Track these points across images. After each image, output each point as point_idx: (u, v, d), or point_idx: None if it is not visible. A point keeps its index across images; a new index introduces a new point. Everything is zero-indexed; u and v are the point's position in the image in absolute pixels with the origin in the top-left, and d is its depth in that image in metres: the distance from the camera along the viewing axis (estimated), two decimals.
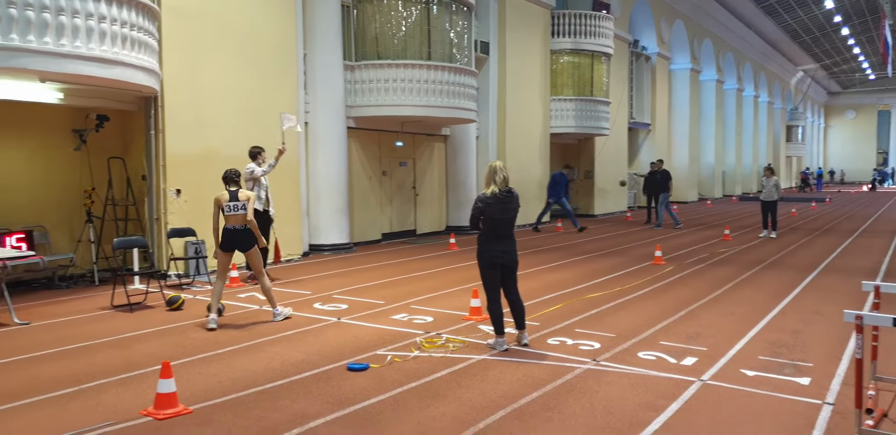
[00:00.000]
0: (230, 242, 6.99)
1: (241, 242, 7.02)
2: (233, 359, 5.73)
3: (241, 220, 6.99)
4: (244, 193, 7.05)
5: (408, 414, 4.45)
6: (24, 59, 7.32)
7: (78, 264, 9.61)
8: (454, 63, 13.91)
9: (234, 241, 7.00)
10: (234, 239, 6.99)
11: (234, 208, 6.99)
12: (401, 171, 15.41)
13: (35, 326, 6.91)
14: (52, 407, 4.55)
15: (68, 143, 9.79)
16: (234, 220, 7.00)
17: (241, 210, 6.99)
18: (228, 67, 10.47)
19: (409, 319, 7.22)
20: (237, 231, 7.00)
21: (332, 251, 12.59)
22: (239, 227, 7.00)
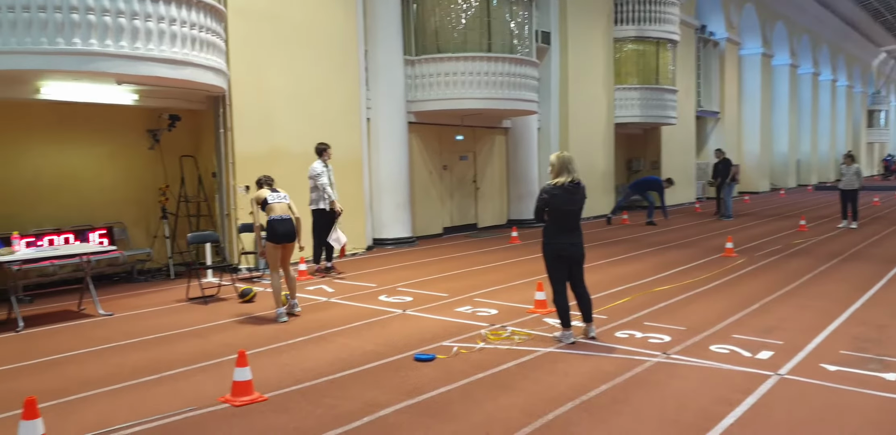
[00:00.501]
0: (287, 232, 7.10)
1: (292, 231, 7.15)
2: (303, 349, 5.87)
3: (286, 208, 7.19)
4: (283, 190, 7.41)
5: (476, 405, 4.46)
6: (102, 63, 7.65)
7: (154, 259, 10.03)
8: (515, 54, 13.80)
9: (289, 231, 7.12)
10: (286, 228, 7.10)
11: (278, 198, 7.22)
12: (461, 164, 15.42)
13: (117, 317, 7.26)
14: (136, 393, 4.77)
15: (143, 143, 10.22)
16: (280, 209, 7.16)
17: (284, 199, 7.24)
18: (292, 66, 10.69)
19: (473, 311, 7.24)
20: (285, 220, 7.12)
21: (394, 245, 12.73)
22: (286, 217, 7.14)
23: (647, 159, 21.91)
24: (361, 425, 4.14)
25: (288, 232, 7.11)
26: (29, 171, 8.98)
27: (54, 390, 4.81)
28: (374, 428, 4.10)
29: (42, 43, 7.37)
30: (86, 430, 4.09)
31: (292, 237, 7.17)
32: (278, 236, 7.05)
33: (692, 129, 23.59)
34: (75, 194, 9.44)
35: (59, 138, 9.31)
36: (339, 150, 10.93)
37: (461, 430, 4.05)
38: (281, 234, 7.06)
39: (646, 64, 19.65)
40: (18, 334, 6.48)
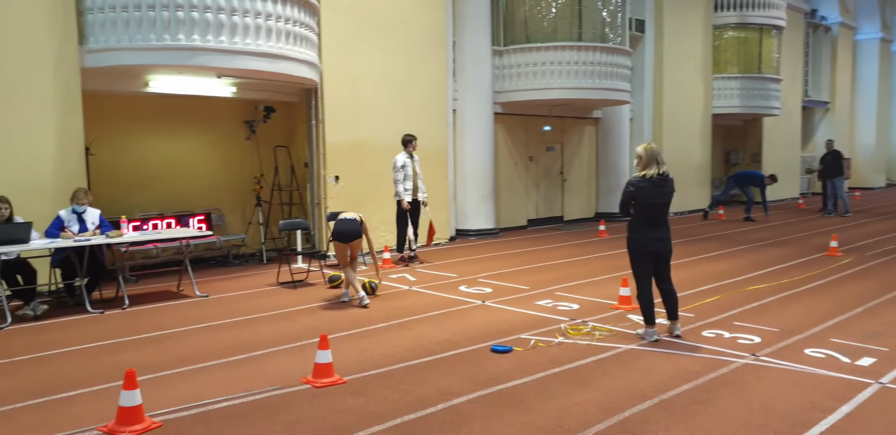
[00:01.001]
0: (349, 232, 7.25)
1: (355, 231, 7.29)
2: (383, 335, 6.00)
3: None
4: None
5: (550, 398, 4.42)
6: (203, 57, 8.06)
7: (248, 244, 10.52)
8: (606, 43, 13.46)
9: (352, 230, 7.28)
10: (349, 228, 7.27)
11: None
12: (548, 155, 15.23)
13: (212, 298, 7.66)
14: (226, 371, 5.03)
15: (240, 134, 10.69)
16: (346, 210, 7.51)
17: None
18: (381, 58, 10.87)
19: (553, 305, 7.16)
20: (348, 221, 7.29)
21: (477, 236, 12.76)
22: (350, 217, 7.32)
23: (747, 152, 20.86)
24: (435, 412, 4.19)
25: (349, 232, 7.27)
26: (137, 159, 9.60)
27: (153, 365, 5.15)
28: (448, 415, 4.14)
29: (150, 40, 7.85)
30: (178, 402, 4.35)
31: (355, 236, 7.32)
32: (341, 235, 7.26)
33: (797, 121, 22.26)
34: (177, 182, 10.02)
35: (164, 129, 9.89)
36: (425, 141, 11.04)
37: (534, 422, 4.03)
38: (342, 232, 7.25)
39: (747, 52, 18.69)
40: (124, 311, 6.97)
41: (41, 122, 7.68)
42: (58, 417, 4.09)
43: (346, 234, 7.26)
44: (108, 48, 7.91)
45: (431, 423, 4.03)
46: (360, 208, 10.40)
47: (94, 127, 8.54)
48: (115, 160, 9.30)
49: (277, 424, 4.00)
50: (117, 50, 7.90)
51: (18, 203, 7.01)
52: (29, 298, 6.75)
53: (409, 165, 9.65)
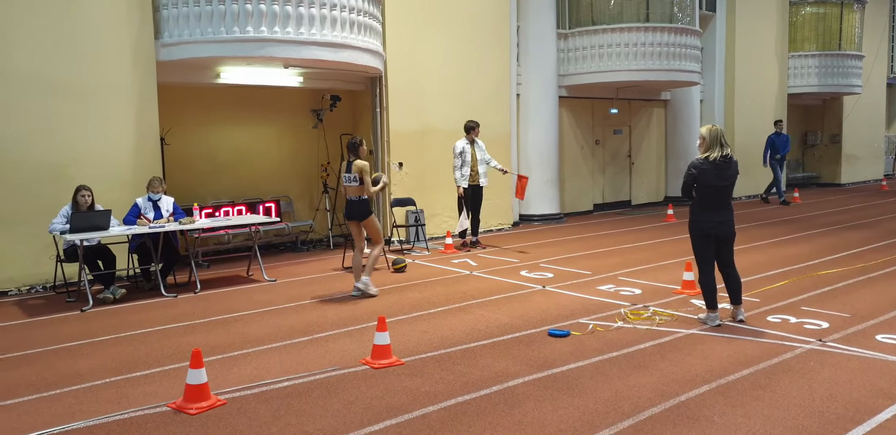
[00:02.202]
0: (348, 212, 7.11)
1: (353, 212, 7.05)
2: (442, 318, 6.08)
3: (354, 191, 6.98)
4: (357, 165, 6.94)
5: (606, 381, 4.40)
6: (271, 48, 8.28)
7: (316, 230, 10.81)
8: (675, 23, 13.04)
9: (350, 210, 7.09)
10: (349, 209, 7.09)
11: (347, 180, 7.00)
12: (615, 139, 14.92)
13: (280, 282, 7.93)
14: (289, 352, 5.22)
15: (308, 122, 10.95)
16: (350, 190, 7.04)
17: (354, 182, 6.95)
18: (443, 44, 10.88)
19: (615, 290, 7.07)
20: (351, 202, 7.05)
21: (541, 221, 12.67)
22: (353, 198, 7.02)
23: (826, 132, 19.83)
24: (490, 393, 4.24)
25: (352, 211, 7.07)
26: (208, 148, 9.99)
27: (221, 345, 5.40)
28: (502, 397, 4.18)
29: (221, 32, 8.12)
30: (243, 382, 4.56)
31: (358, 216, 7.06)
32: (345, 213, 7.19)
33: (882, 99, 20.95)
34: (247, 170, 10.37)
35: (234, 119, 10.25)
36: (488, 127, 11.02)
37: (588, 404, 4.02)
38: (347, 211, 7.14)
39: (826, 28, 17.67)
40: (196, 295, 7.32)
41: (120, 115, 8.10)
42: (132, 394, 4.36)
43: (348, 215, 7.15)
44: (182, 42, 8.24)
45: (485, 404, 4.08)
46: (423, 194, 10.55)
47: (169, 118, 8.93)
48: (188, 150, 9.71)
49: (335, 403, 4.14)
50: (190, 43, 8.22)
51: (99, 191, 7.44)
52: (109, 283, 7.17)
53: (467, 152, 9.67)
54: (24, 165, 7.49)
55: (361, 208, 7.03)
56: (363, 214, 7.04)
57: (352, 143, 7.09)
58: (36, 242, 7.46)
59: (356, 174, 6.93)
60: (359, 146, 7.06)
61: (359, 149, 7.05)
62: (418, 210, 10.34)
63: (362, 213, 7.03)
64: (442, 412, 3.97)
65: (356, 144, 7.06)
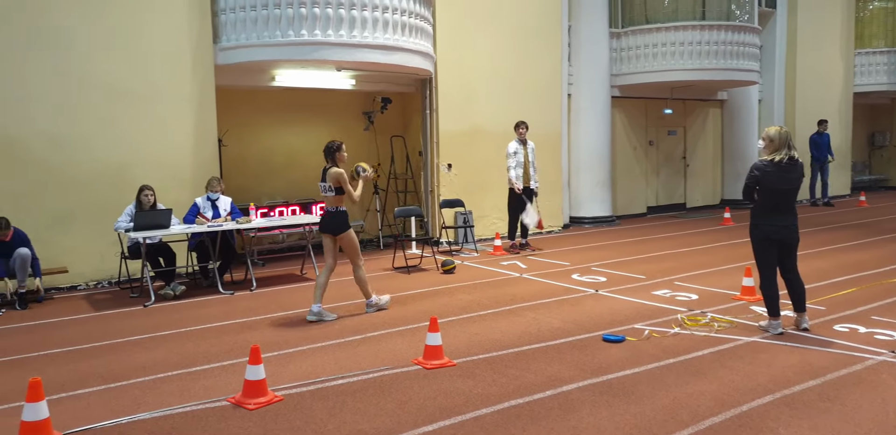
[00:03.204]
0: (322, 224, 6.29)
1: (327, 224, 6.24)
2: (493, 321, 6.05)
3: (330, 201, 6.20)
4: (332, 173, 6.07)
5: (664, 389, 4.30)
6: (325, 51, 8.40)
7: (366, 230, 10.91)
8: (732, 21, 12.71)
9: (323, 223, 6.27)
10: (323, 220, 6.29)
11: (323, 189, 6.19)
12: (669, 140, 14.62)
13: (332, 281, 7.97)
14: (342, 350, 5.27)
15: (359, 124, 11.06)
16: (326, 201, 6.27)
17: (329, 191, 6.13)
18: (493, 45, 10.84)
19: (671, 295, 6.92)
20: (327, 213, 6.24)
21: (592, 224, 12.50)
22: (330, 209, 6.22)
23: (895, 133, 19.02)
24: (543, 398, 4.19)
25: (325, 223, 6.26)
26: (264, 150, 10.20)
27: (277, 342, 5.49)
28: (556, 401, 4.13)
29: (276, 36, 8.29)
30: (298, 378, 4.63)
31: (331, 229, 6.23)
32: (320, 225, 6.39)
33: None
34: (301, 171, 10.53)
35: (288, 121, 10.43)
36: (538, 127, 10.94)
37: (645, 411, 3.94)
38: (321, 223, 6.35)
39: None
40: (252, 293, 7.46)
41: (180, 117, 8.33)
42: (193, 388, 4.47)
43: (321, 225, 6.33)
44: (239, 45, 8.43)
45: (539, 408, 4.04)
46: (472, 196, 10.53)
47: (226, 120, 9.14)
48: (244, 151, 9.92)
49: (389, 402, 4.16)
50: (247, 47, 8.41)
51: (160, 191, 7.67)
52: (169, 279, 7.38)
53: (520, 152, 9.61)
54: (91, 166, 7.78)
55: (336, 221, 6.19)
56: (338, 228, 6.17)
57: (328, 147, 6.23)
58: (102, 239, 7.74)
59: (331, 183, 6.10)
60: (335, 151, 6.20)
61: (336, 154, 6.20)
62: (467, 211, 10.32)
63: (337, 226, 6.17)
64: (495, 415, 3.95)
65: (332, 149, 6.21)
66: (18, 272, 6.79)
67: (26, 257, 6.78)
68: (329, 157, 6.22)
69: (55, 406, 3.95)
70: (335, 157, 6.21)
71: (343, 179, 6.07)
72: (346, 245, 6.27)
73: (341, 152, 6.23)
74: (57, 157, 7.58)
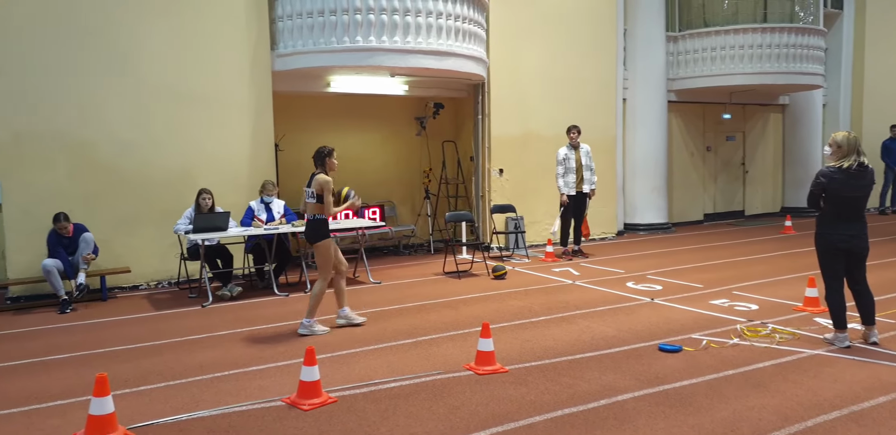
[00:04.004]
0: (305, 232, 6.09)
1: (307, 232, 6.05)
2: (545, 328, 5.99)
3: (311, 208, 5.92)
4: (318, 180, 5.81)
5: (722, 401, 4.17)
6: (379, 57, 8.49)
7: (417, 235, 10.96)
8: (795, 23, 12.33)
9: (305, 230, 6.09)
10: (305, 228, 6.07)
11: (307, 195, 5.95)
12: (727, 145, 14.25)
13: (385, 285, 8.08)
14: (394, 353, 5.29)
15: (411, 130, 11.14)
16: (307, 207, 5.99)
17: (311, 198, 5.87)
18: (547, 49, 10.78)
19: (729, 305, 6.72)
20: (307, 221, 5.99)
21: (647, 231, 12.26)
22: (309, 216, 5.95)
23: None
24: (598, 407, 4.12)
25: (306, 233, 6.06)
26: None
27: (330, 344, 5.55)
28: (611, 411, 4.05)
29: (332, 42, 8.42)
30: (351, 381, 4.66)
31: (310, 238, 5.99)
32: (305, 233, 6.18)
33: None
34: (354, 175, 10.63)
35: (342, 126, 10.58)
36: (593, 132, 10.82)
37: (703, 424, 3.82)
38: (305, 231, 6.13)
39: None
40: (306, 295, 7.56)
41: (238, 122, 8.54)
42: (249, 388, 4.55)
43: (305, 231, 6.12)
44: (296, 52, 8.60)
45: (594, 417, 3.96)
46: (524, 201, 10.46)
47: (282, 125, 9.32)
48: (299, 155, 10.07)
49: (441, 407, 4.15)
50: (303, 53, 8.57)
51: (218, 194, 7.87)
52: (226, 280, 7.56)
53: (571, 158, 9.51)
54: (153, 170, 8.04)
55: (314, 229, 5.93)
56: (314, 236, 5.93)
57: (318, 152, 5.95)
58: (163, 240, 7.98)
59: (314, 190, 5.83)
60: (326, 157, 5.91)
61: (326, 160, 5.91)
62: (518, 217, 10.26)
63: (313, 234, 5.94)
64: (548, 423, 3.89)
65: (323, 154, 5.92)
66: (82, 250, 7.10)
67: (90, 240, 7.16)
68: (318, 162, 5.92)
69: (119, 401, 4.08)
70: (325, 164, 5.91)
71: (327, 188, 5.77)
72: (319, 254, 5.94)
73: (331, 159, 5.93)
74: (125, 161, 7.87)
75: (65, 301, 6.96)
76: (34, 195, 7.43)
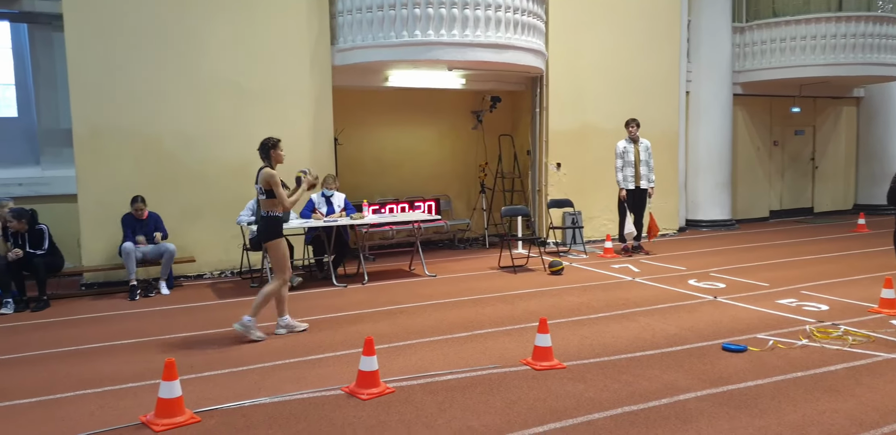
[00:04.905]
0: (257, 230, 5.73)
1: (258, 231, 5.71)
2: (604, 325, 5.89)
3: (262, 205, 5.56)
4: (263, 174, 5.48)
5: (790, 403, 4.01)
6: (437, 51, 8.49)
7: (472, 229, 10.94)
8: (874, 11, 11.74)
9: (257, 229, 5.74)
10: (258, 226, 5.73)
11: (258, 192, 5.59)
12: (796, 140, 13.71)
13: (440, 278, 8.10)
14: (450, 346, 5.30)
15: (467, 124, 11.12)
16: (261, 205, 5.60)
17: (261, 195, 5.53)
18: (607, 42, 10.56)
19: (797, 304, 6.46)
20: (261, 218, 5.59)
21: (710, 228, 11.92)
22: (262, 213, 5.56)
23: None
24: (659, 406, 4.02)
25: (258, 232, 5.73)
26: (376, 149, 10.45)
27: (387, 335, 5.60)
28: (672, 410, 3.95)
29: (391, 37, 8.46)
30: (408, 372, 4.69)
31: (259, 237, 5.69)
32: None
33: None
34: (410, 169, 10.73)
35: (399, 120, 10.64)
36: (654, 126, 10.58)
37: (770, 426, 3.69)
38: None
39: None
40: (364, 286, 7.66)
41: (299, 116, 8.68)
42: (308, 376, 4.63)
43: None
44: (355, 47, 8.68)
45: (654, 416, 3.88)
46: (582, 195, 10.31)
47: (341, 119, 9.43)
48: (357, 150, 10.22)
49: (498, 401, 4.13)
50: (362, 48, 8.64)
51: None
52: None
53: (629, 151, 9.31)
54: (216, 163, 8.26)
55: (265, 227, 5.55)
56: (266, 235, 5.54)
57: (262, 144, 5.57)
58: (226, 231, 8.20)
59: (262, 185, 5.49)
60: (270, 149, 5.54)
61: (270, 153, 5.54)
62: (576, 212, 10.11)
63: (265, 233, 5.55)
64: (608, 420, 3.83)
65: (267, 146, 5.55)
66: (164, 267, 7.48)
67: (173, 253, 7.49)
68: (263, 155, 5.55)
69: (186, 385, 4.20)
70: (270, 156, 5.54)
71: (274, 182, 5.43)
72: (272, 255, 5.58)
73: (276, 150, 5.55)
74: (190, 154, 8.11)
75: (133, 287, 7.25)
76: (107, 186, 7.74)
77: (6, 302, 6.70)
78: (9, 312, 6.65)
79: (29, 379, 4.68)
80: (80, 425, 3.85)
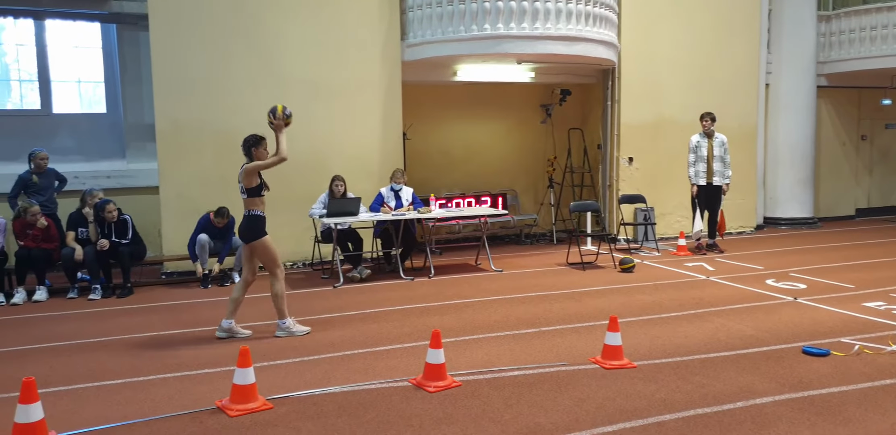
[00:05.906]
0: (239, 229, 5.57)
1: (240, 231, 5.53)
2: (676, 324, 5.72)
3: (244, 204, 5.42)
4: (243, 170, 5.32)
5: (879, 412, 3.80)
6: (506, 45, 8.42)
7: (540, 224, 10.83)
8: None
9: (240, 227, 5.54)
10: (240, 225, 5.53)
11: (240, 190, 5.44)
12: (887, 134, 12.95)
13: (506, 273, 8.06)
14: (517, 342, 5.26)
15: (536, 117, 10.99)
16: (244, 204, 5.45)
17: (243, 193, 5.39)
18: (684, 32, 10.24)
19: (886, 308, 6.12)
20: (243, 217, 5.45)
21: (789, 226, 11.42)
22: (245, 212, 5.42)
23: None
24: (734, 409, 3.89)
25: (240, 231, 5.54)
26: (444, 143, 10.47)
27: (454, 329, 5.61)
28: (748, 414, 3.81)
29: (460, 31, 8.45)
30: (474, 366, 4.68)
31: (241, 236, 5.51)
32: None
33: None
34: (477, 163, 10.70)
35: (468, 115, 10.62)
36: (730, 119, 10.21)
37: None
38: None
39: None
40: (430, 280, 7.71)
41: (370, 112, 8.79)
42: (377, 367, 4.70)
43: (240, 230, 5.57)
44: (424, 42, 8.71)
45: (729, 419, 3.74)
46: (655, 191, 10.04)
47: (410, 114, 9.49)
48: (425, 144, 10.26)
49: (566, 399, 4.08)
50: (431, 43, 8.66)
51: (350, 181, 8.14)
52: (356, 263, 7.84)
53: (703, 146, 9.00)
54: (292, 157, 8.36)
55: (249, 226, 5.39)
56: (250, 234, 5.38)
57: (244, 141, 5.35)
58: (298, 224, 8.39)
59: (243, 184, 5.36)
60: (252, 147, 5.31)
61: (252, 151, 5.32)
62: (648, 208, 9.87)
63: (249, 232, 5.39)
64: (680, 422, 3.72)
65: (249, 144, 5.32)
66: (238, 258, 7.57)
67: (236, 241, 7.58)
68: (245, 152, 5.35)
69: (259, 373, 4.33)
70: (251, 154, 5.33)
71: (255, 165, 5.26)
72: (259, 254, 5.42)
73: (259, 149, 5.32)
74: None
75: (205, 275, 7.52)
76: (187, 179, 8.05)
77: (94, 288, 7.08)
78: (97, 297, 7.03)
79: (115, 361, 4.93)
80: (160, 408, 4.02)
